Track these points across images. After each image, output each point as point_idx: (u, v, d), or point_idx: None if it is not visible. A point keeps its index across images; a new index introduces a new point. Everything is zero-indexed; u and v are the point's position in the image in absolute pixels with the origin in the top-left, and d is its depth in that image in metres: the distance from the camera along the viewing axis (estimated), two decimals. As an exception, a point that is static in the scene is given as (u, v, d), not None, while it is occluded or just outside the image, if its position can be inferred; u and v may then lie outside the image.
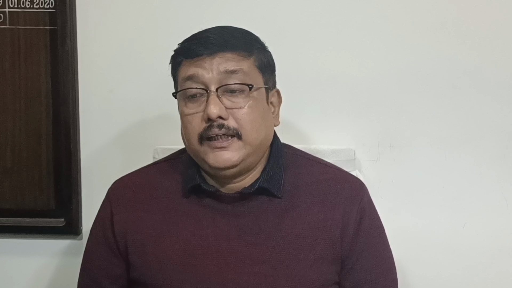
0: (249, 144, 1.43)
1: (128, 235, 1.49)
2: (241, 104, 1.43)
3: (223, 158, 1.42)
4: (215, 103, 1.41)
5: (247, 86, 1.43)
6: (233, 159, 1.42)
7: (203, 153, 1.43)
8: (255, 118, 1.43)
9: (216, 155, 1.42)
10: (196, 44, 1.44)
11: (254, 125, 1.43)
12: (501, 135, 1.88)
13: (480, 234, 1.90)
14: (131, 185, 1.55)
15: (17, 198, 1.96)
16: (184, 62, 1.46)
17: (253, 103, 1.44)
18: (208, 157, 1.42)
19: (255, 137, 1.44)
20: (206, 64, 1.42)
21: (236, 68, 1.43)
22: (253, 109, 1.43)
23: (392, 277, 1.52)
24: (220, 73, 1.42)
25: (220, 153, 1.41)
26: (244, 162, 1.44)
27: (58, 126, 1.93)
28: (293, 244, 1.44)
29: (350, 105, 1.89)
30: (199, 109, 1.43)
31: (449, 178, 1.89)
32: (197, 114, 1.43)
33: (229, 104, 1.42)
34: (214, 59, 1.42)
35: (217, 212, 1.47)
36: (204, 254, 1.44)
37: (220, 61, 1.42)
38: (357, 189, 1.51)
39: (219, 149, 1.41)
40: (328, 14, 1.87)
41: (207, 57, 1.42)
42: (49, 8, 1.90)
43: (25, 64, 1.92)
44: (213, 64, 1.42)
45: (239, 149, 1.42)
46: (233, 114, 1.42)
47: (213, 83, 1.42)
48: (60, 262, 2.01)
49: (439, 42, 1.85)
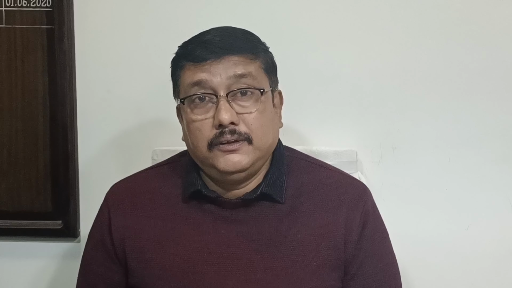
0: (259, 148, 1.41)
1: (127, 241, 1.47)
2: (251, 108, 1.40)
3: (233, 162, 1.39)
4: (226, 108, 1.38)
5: (258, 90, 1.41)
6: (242, 163, 1.40)
7: (212, 159, 1.40)
8: (265, 123, 1.42)
9: (226, 159, 1.39)
10: (200, 48, 1.41)
11: (264, 129, 1.41)
12: (505, 137, 1.87)
13: (484, 236, 1.89)
14: (130, 189, 1.52)
15: (14, 200, 1.94)
16: (188, 66, 1.42)
17: (262, 107, 1.41)
18: (218, 161, 1.40)
19: (265, 142, 1.42)
20: (213, 69, 1.39)
21: (245, 72, 1.40)
22: (263, 113, 1.41)
23: (396, 283, 1.51)
24: (229, 77, 1.39)
25: (230, 156, 1.39)
26: (253, 167, 1.42)
27: (55, 127, 1.91)
28: (296, 250, 1.42)
29: (352, 107, 1.88)
30: (208, 115, 1.40)
31: (452, 180, 1.88)
32: (207, 120, 1.40)
33: (239, 109, 1.40)
34: (220, 63, 1.39)
35: (218, 218, 1.45)
36: (205, 260, 1.42)
37: (227, 65, 1.39)
38: (360, 193, 1.49)
39: (230, 152, 1.39)
40: (330, 15, 1.85)
41: (213, 61, 1.39)
42: (46, 7, 1.88)
43: (22, 64, 1.90)
44: (220, 68, 1.39)
45: (249, 153, 1.40)
46: (244, 119, 1.40)
47: (222, 88, 1.39)
48: (58, 265, 1.99)
49: (442, 43, 1.84)
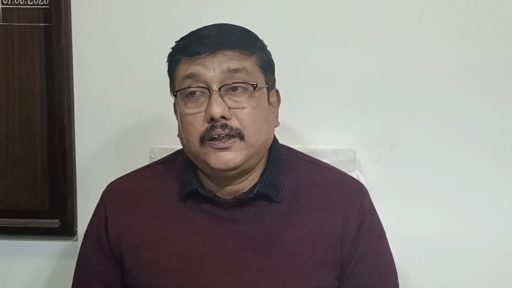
0: (251, 145, 1.40)
1: (123, 240, 1.46)
2: (244, 104, 1.39)
3: (225, 160, 1.38)
4: (218, 102, 1.37)
5: (251, 85, 1.40)
6: (235, 160, 1.39)
7: (204, 155, 1.39)
8: (258, 119, 1.41)
9: (218, 156, 1.38)
10: (196, 42, 1.40)
11: (257, 126, 1.40)
12: (503, 136, 1.86)
13: (482, 235, 1.89)
14: (126, 188, 1.51)
15: (11, 198, 1.94)
16: (183, 60, 1.42)
17: (256, 103, 1.40)
18: (210, 158, 1.39)
19: (257, 138, 1.41)
20: (207, 63, 1.39)
21: (239, 66, 1.39)
22: (256, 109, 1.40)
23: (393, 281, 1.50)
24: (222, 71, 1.38)
25: (222, 154, 1.38)
26: (245, 164, 1.41)
27: (53, 125, 1.90)
28: (292, 249, 1.42)
29: (351, 105, 1.87)
30: (201, 109, 1.39)
31: (451, 179, 1.88)
32: (199, 114, 1.39)
33: (232, 104, 1.39)
34: (215, 57, 1.39)
35: (215, 218, 1.44)
36: (201, 260, 1.41)
37: (222, 60, 1.39)
38: (357, 192, 1.48)
39: (222, 150, 1.38)
40: (328, 13, 1.85)
41: (208, 55, 1.39)
42: (43, 5, 1.87)
43: (19, 62, 1.89)
44: (214, 63, 1.38)
45: (242, 150, 1.39)
46: (236, 114, 1.39)
47: (215, 82, 1.38)
48: (55, 264, 1.98)
49: (441, 41, 1.83)
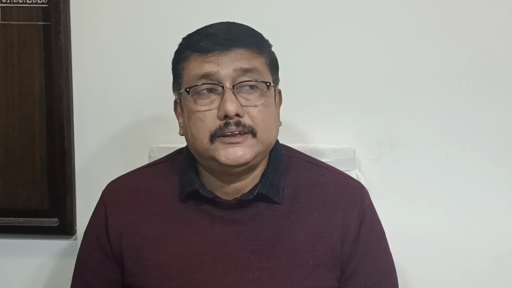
0: (262, 142, 1.40)
1: (124, 239, 1.46)
2: (256, 102, 1.40)
3: (236, 155, 1.38)
4: (232, 100, 1.37)
5: (264, 84, 1.41)
6: (246, 156, 1.39)
7: (213, 151, 1.39)
8: (268, 117, 1.41)
9: (228, 152, 1.38)
10: (206, 39, 1.40)
11: (268, 123, 1.41)
12: (503, 135, 1.86)
13: (482, 234, 1.89)
14: (127, 187, 1.51)
15: (10, 197, 1.93)
16: (193, 57, 1.41)
17: (267, 102, 1.41)
18: (219, 154, 1.38)
19: (268, 136, 1.41)
20: (219, 61, 1.39)
21: (252, 66, 1.40)
22: (267, 107, 1.41)
23: (393, 282, 1.51)
24: (235, 70, 1.39)
25: (233, 149, 1.38)
26: (254, 159, 1.41)
27: (52, 124, 1.90)
28: (292, 250, 1.42)
29: (350, 104, 1.87)
30: (212, 106, 1.39)
31: (451, 178, 1.88)
32: (210, 111, 1.39)
33: (244, 102, 1.39)
34: (227, 55, 1.39)
35: (215, 218, 1.44)
36: (202, 260, 1.42)
37: (234, 58, 1.39)
38: (357, 193, 1.48)
39: (233, 145, 1.38)
40: (328, 13, 1.84)
41: (220, 53, 1.39)
42: (43, 3, 1.86)
43: (18, 61, 1.89)
44: (227, 61, 1.39)
45: (253, 146, 1.39)
46: (248, 112, 1.39)
47: (228, 80, 1.39)
48: (54, 263, 1.98)
49: (440, 40, 1.83)
